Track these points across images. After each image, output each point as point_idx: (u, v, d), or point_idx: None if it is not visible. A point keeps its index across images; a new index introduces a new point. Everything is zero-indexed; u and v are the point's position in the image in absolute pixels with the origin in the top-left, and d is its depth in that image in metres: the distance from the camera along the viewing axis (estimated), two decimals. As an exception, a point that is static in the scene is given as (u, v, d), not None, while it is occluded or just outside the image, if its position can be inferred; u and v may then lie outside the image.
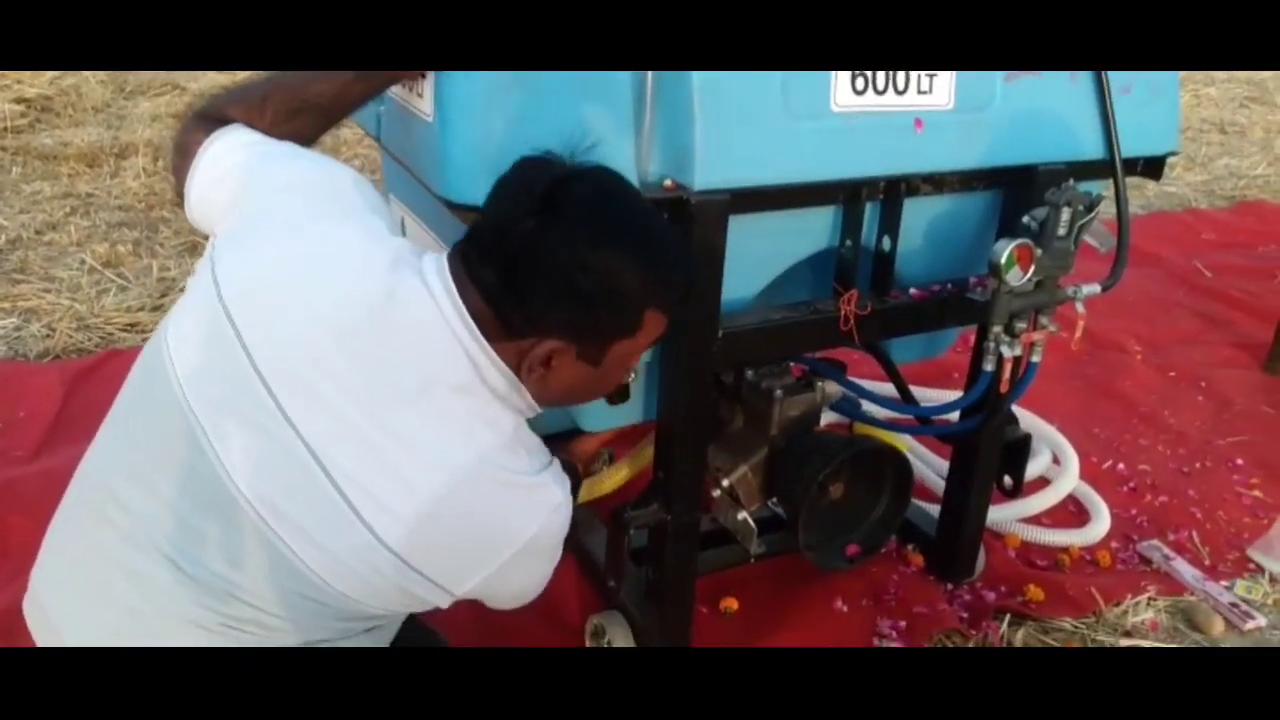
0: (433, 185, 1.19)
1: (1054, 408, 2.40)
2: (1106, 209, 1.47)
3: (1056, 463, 2.18)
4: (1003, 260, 1.36)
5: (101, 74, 5.31)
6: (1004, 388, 1.46)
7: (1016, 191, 1.51)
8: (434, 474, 0.95)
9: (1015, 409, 2.19)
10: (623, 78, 1.19)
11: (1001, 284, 1.38)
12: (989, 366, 1.45)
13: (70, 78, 5.16)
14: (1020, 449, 1.73)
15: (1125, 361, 2.74)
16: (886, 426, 1.78)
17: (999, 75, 1.43)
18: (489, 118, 1.13)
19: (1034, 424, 2.24)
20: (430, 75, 1.18)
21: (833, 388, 1.69)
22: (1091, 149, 1.54)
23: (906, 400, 1.75)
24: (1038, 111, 1.48)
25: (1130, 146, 1.55)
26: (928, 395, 2.31)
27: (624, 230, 1.04)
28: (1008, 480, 1.77)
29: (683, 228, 1.25)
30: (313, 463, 0.93)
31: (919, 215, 1.49)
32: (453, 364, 0.99)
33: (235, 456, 0.94)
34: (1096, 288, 1.49)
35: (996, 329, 1.43)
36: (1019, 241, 1.37)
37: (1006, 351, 1.43)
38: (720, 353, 1.36)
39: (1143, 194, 4.23)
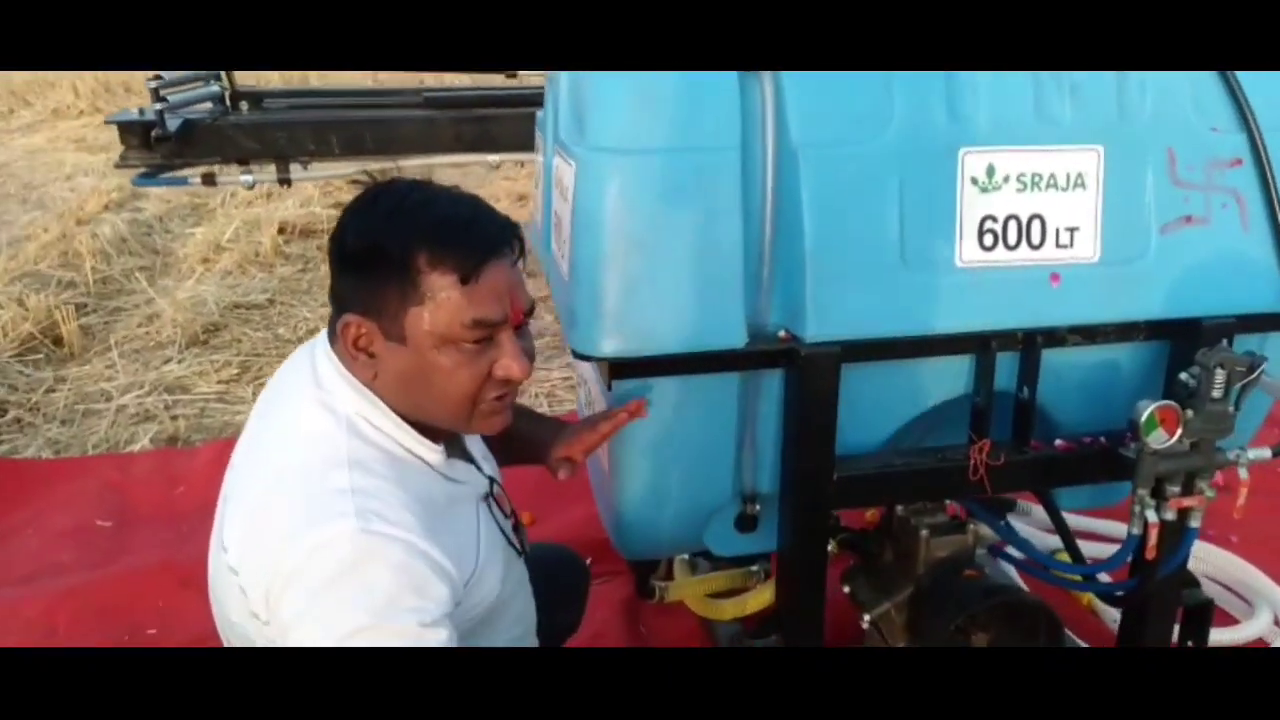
0: (566, 334, 1.34)
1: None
2: None
3: (1278, 624, 1.95)
4: (1143, 421, 1.30)
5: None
6: (1150, 554, 1.37)
7: (1181, 344, 1.43)
8: (260, 480, 1.12)
9: (1230, 557, 2.01)
10: (734, 237, 1.28)
11: (1144, 446, 1.32)
12: (1135, 530, 1.37)
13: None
14: (1202, 615, 1.59)
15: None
16: (1046, 577, 1.71)
17: (1154, 227, 1.39)
18: (610, 277, 1.27)
19: (1251, 577, 2.03)
20: (567, 239, 1.34)
21: (986, 531, 1.66)
22: (1270, 300, 1.43)
23: (1071, 550, 1.67)
24: (1201, 262, 1.40)
25: (1317, 298, 1.43)
26: (1113, 530, 2.16)
27: (389, 194, 1.12)
28: (1190, 646, 1.63)
29: (795, 377, 1.32)
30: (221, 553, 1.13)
31: (1071, 363, 1.45)
32: (302, 382, 1.16)
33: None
34: (1266, 453, 1.37)
35: (1141, 492, 1.35)
36: (1162, 403, 1.31)
37: (1152, 516, 1.35)
38: (836, 496, 1.39)
39: None
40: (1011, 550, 1.71)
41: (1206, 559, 2.06)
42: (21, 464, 2.95)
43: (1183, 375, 1.35)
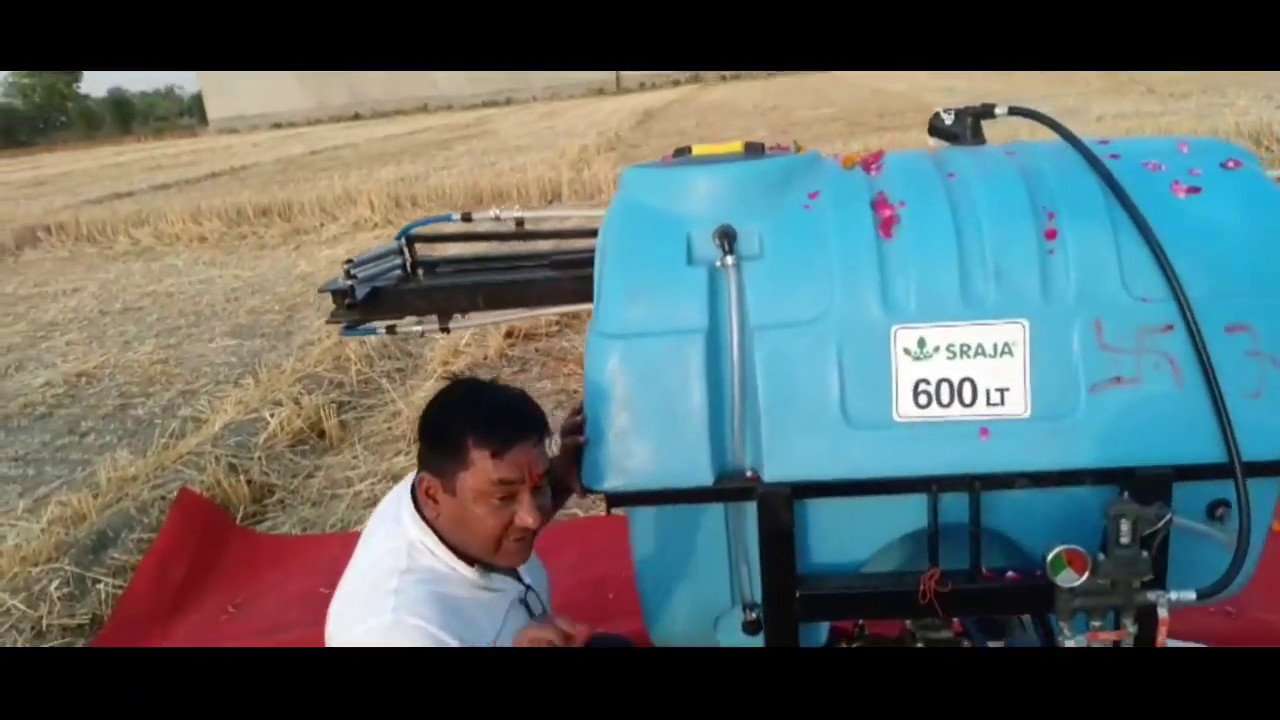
0: (580, 472, 1.73)
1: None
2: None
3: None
4: (1050, 560, 1.50)
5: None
6: (1073, 679, 1.53)
7: (1125, 491, 1.59)
8: (348, 579, 1.65)
9: None
10: (699, 399, 1.63)
11: (1054, 584, 1.50)
12: (1061, 656, 1.55)
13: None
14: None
15: None
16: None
17: (1083, 387, 1.58)
18: (607, 431, 1.65)
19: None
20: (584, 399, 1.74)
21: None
22: (1209, 451, 1.56)
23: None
24: (1132, 417, 1.57)
25: (1262, 449, 1.54)
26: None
27: (457, 393, 1.67)
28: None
29: (757, 508, 1.64)
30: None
31: (1034, 502, 1.64)
32: (389, 515, 1.69)
33: None
34: (1191, 595, 1.50)
35: (1060, 624, 1.53)
36: (1069, 546, 1.49)
37: (1070, 644, 1.52)
38: (800, 612, 1.67)
39: None
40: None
41: None
42: (276, 539, 3.73)
43: (1107, 520, 1.53)
